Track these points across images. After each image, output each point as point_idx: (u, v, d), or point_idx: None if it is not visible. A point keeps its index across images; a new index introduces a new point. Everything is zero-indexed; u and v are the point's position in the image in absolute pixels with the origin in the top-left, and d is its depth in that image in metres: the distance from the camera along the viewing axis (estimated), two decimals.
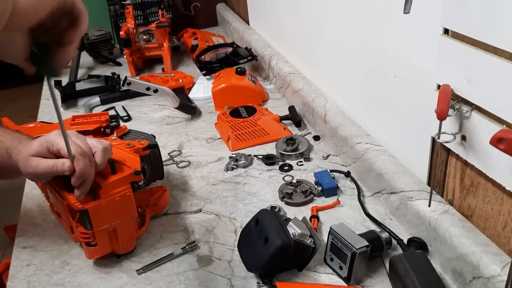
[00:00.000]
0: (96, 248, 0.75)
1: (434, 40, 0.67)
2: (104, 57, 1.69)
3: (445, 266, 0.71)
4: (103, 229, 0.73)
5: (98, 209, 0.71)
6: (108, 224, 0.74)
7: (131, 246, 0.80)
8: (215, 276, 0.76)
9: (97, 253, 0.76)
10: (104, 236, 0.75)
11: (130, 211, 0.76)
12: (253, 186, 0.97)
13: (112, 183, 0.72)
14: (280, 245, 0.69)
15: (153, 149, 0.86)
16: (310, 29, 1.16)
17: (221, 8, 2.00)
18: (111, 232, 0.75)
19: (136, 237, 0.81)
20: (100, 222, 0.73)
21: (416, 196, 0.77)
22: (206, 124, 1.24)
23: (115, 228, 0.75)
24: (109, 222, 0.74)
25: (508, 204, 0.62)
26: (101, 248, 0.75)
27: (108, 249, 0.77)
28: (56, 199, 0.77)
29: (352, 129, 0.98)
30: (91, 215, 0.71)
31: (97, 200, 0.71)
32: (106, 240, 0.75)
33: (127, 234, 0.78)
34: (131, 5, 1.56)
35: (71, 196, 0.70)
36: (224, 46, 1.53)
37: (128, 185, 0.74)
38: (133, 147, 0.81)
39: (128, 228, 0.77)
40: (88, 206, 0.70)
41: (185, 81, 1.41)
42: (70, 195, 0.70)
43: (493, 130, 0.55)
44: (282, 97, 1.34)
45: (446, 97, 0.63)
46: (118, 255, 0.80)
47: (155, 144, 0.88)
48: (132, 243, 0.80)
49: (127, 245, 0.79)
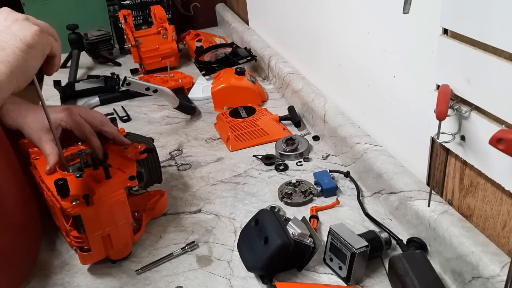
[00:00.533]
0: (90, 253, 0.74)
1: (433, 40, 0.67)
2: (104, 57, 1.69)
3: (444, 266, 0.71)
4: (97, 235, 0.72)
5: (91, 214, 0.70)
6: (101, 230, 0.73)
7: (126, 251, 0.79)
8: (214, 276, 0.76)
9: (91, 259, 0.75)
10: (98, 242, 0.74)
11: (125, 216, 0.75)
12: (252, 186, 0.97)
13: (106, 188, 0.71)
14: (280, 245, 0.69)
15: (150, 153, 0.85)
16: (309, 29, 1.16)
17: (220, 9, 2.00)
18: (106, 237, 0.74)
19: (131, 242, 0.80)
20: (93, 227, 0.72)
21: (416, 196, 0.77)
22: (205, 124, 1.24)
23: (109, 233, 0.74)
24: (103, 228, 0.73)
25: (507, 204, 0.62)
26: (95, 253, 0.74)
27: (102, 254, 0.76)
28: (51, 203, 0.76)
29: (352, 129, 0.98)
30: (84, 221, 0.70)
31: (90, 205, 0.70)
32: (100, 246, 0.74)
33: (122, 240, 0.77)
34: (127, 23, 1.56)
35: (65, 201, 0.69)
36: (223, 46, 1.53)
37: (122, 191, 0.74)
38: (129, 151, 0.80)
39: (122, 234, 0.76)
40: (81, 212, 0.69)
41: (185, 81, 1.41)
42: (63, 201, 0.69)
43: (492, 130, 0.55)
44: (281, 97, 1.34)
45: (445, 97, 0.63)
46: (113, 260, 0.79)
47: (152, 148, 0.87)
48: (127, 248, 0.79)
49: (121, 250, 0.78)
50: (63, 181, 0.69)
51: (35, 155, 0.81)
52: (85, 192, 0.70)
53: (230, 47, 1.50)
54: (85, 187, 0.72)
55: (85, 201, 0.69)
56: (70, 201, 0.69)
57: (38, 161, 0.80)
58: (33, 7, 2.19)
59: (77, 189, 0.71)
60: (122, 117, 1.29)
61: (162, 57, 1.54)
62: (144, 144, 0.83)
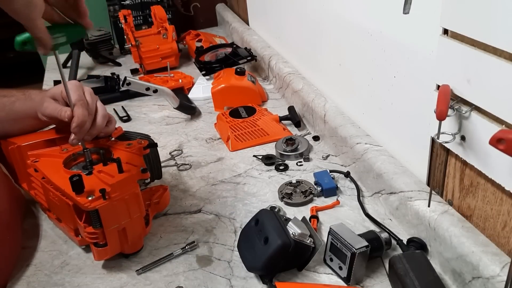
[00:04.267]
0: (106, 248, 0.75)
1: (434, 40, 0.67)
2: (104, 57, 1.69)
3: (444, 266, 0.71)
4: (113, 229, 0.74)
5: (108, 208, 0.72)
6: (118, 223, 0.74)
7: (139, 245, 0.81)
8: (214, 276, 0.76)
9: (106, 254, 0.76)
10: (114, 236, 0.75)
11: (139, 209, 0.77)
12: (252, 186, 0.97)
13: (120, 182, 0.72)
14: (280, 245, 0.69)
15: (151, 149, 0.86)
16: (309, 29, 1.16)
17: (220, 9, 2.00)
18: (121, 231, 0.75)
19: (144, 236, 0.81)
20: (110, 221, 0.73)
21: (416, 196, 0.77)
22: (205, 125, 1.24)
23: (125, 227, 0.75)
24: (119, 221, 0.74)
25: (507, 204, 0.62)
26: (111, 248, 0.75)
27: (117, 249, 0.77)
28: (59, 203, 0.77)
29: (352, 129, 0.98)
30: (102, 215, 0.71)
31: (107, 199, 0.71)
32: (116, 240, 0.75)
33: (136, 233, 0.78)
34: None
35: (80, 197, 0.70)
36: (223, 46, 1.54)
37: (136, 183, 0.75)
38: (133, 147, 0.82)
39: (136, 227, 0.78)
40: (99, 206, 0.70)
41: (185, 81, 1.41)
42: (79, 197, 0.70)
43: (492, 130, 0.55)
44: (281, 98, 1.34)
45: (445, 97, 0.63)
46: (126, 255, 0.80)
47: (155, 143, 0.88)
48: (140, 242, 0.81)
49: (135, 244, 0.80)
50: (78, 177, 0.70)
51: (34, 158, 0.81)
52: (97, 188, 0.71)
53: (230, 47, 1.50)
54: (96, 183, 0.73)
55: (101, 195, 0.70)
56: (86, 196, 0.70)
57: (39, 163, 0.80)
58: None
59: (89, 185, 0.72)
60: (122, 117, 1.29)
61: (162, 57, 1.54)
62: (147, 140, 0.84)
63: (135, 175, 0.75)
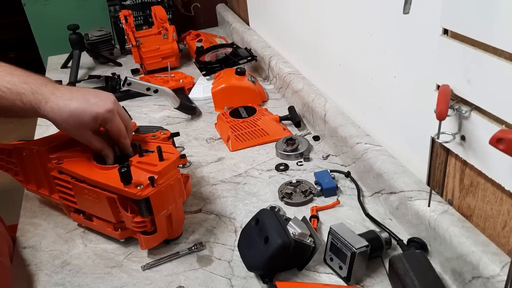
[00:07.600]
0: (155, 235, 0.77)
1: (434, 40, 0.67)
2: (105, 57, 1.69)
3: (444, 266, 0.71)
4: (162, 215, 0.76)
5: (158, 195, 0.74)
6: (166, 209, 0.76)
7: (179, 230, 0.84)
8: (215, 276, 0.76)
9: (155, 241, 0.78)
10: (163, 222, 0.77)
11: (181, 194, 0.79)
12: (253, 186, 0.97)
13: (164, 169, 0.75)
14: (281, 245, 0.70)
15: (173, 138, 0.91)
16: (309, 29, 1.16)
17: (221, 9, 2.01)
18: (167, 217, 0.78)
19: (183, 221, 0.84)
20: (159, 208, 0.75)
21: (416, 196, 0.77)
22: (206, 125, 1.24)
23: (171, 212, 0.78)
24: (167, 207, 0.76)
25: (507, 204, 0.62)
26: (160, 234, 0.77)
27: (165, 235, 0.79)
28: (97, 199, 0.78)
29: (352, 129, 0.98)
30: (152, 202, 0.73)
31: (155, 187, 0.73)
32: (164, 226, 0.78)
33: (179, 218, 0.81)
34: None
35: (129, 188, 0.73)
36: (224, 46, 1.54)
37: (177, 169, 0.78)
38: (158, 138, 0.87)
39: (180, 212, 0.81)
40: (150, 193, 0.72)
41: (185, 82, 1.42)
42: (128, 187, 0.73)
43: (492, 130, 0.55)
44: (282, 98, 1.34)
45: (445, 97, 0.63)
46: (167, 241, 0.82)
47: (177, 132, 0.93)
48: (180, 227, 0.84)
49: (177, 229, 0.82)
50: (126, 168, 0.72)
51: (57, 160, 0.83)
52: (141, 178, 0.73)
53: (230, 47, 1.50)
54: (139, 173, 0.75)
55: (149, 183, 0.72)
56: (134, 186, 0.73)
57: (64, 164, 0.82)
58: (34, 8, 2.19)
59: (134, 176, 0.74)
60: None
61: (162, 57, 1.54)
62: (169, 130, 0.88)
63: (176, 161, 0.77)
